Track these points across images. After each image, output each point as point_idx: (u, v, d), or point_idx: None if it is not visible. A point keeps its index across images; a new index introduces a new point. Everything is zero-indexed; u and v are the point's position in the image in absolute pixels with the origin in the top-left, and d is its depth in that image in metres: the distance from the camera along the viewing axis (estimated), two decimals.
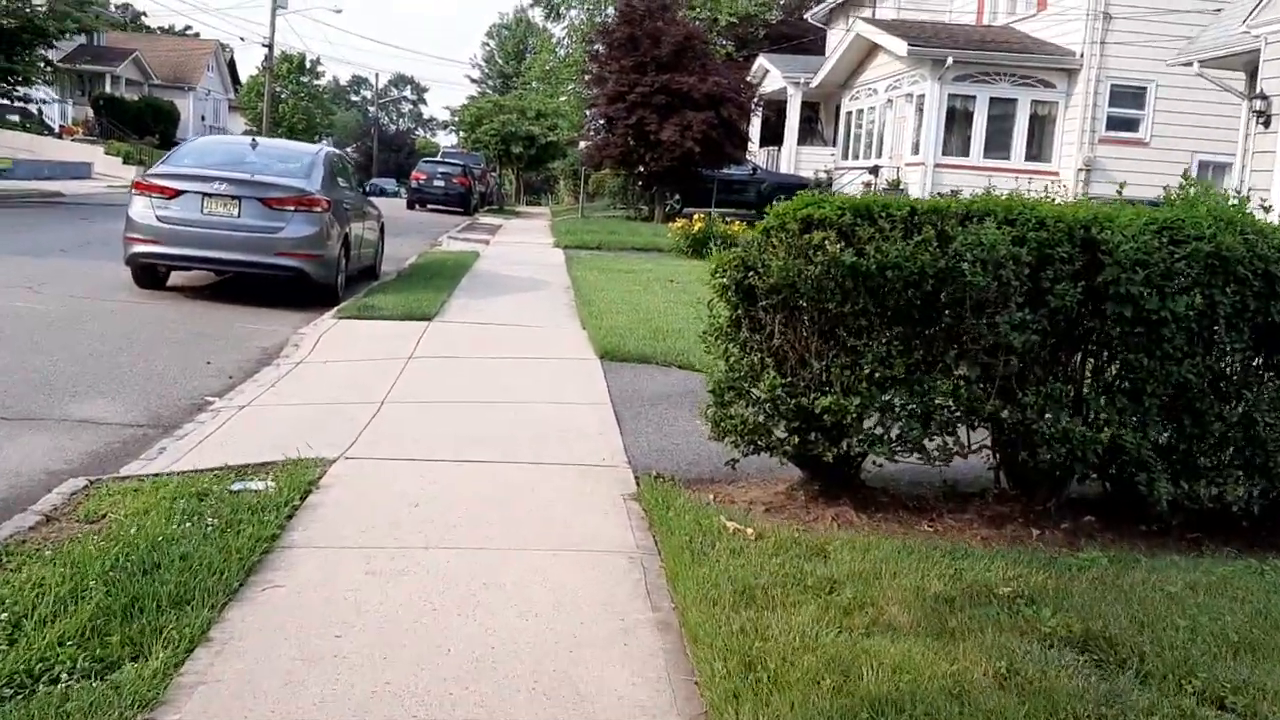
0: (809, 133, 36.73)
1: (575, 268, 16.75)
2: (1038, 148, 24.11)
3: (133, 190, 11.79)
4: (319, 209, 11.68)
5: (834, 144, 36.51)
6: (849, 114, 30.38)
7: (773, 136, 37.71)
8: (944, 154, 24.01)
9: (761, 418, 4.93)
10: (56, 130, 45.69)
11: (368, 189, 38.04)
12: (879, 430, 4.92)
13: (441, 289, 13.02)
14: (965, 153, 24.10)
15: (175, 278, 12.55)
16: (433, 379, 8.07)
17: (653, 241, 22.79)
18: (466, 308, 11.85)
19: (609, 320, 10.89)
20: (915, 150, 24.64)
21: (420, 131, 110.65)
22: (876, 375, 4.76)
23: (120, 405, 7.04)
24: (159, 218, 11.37)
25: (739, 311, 5.04)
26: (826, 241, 4.70)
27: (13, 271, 12.48)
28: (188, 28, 79.46)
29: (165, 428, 6.56)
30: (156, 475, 5.31)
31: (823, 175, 32.03)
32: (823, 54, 39.81)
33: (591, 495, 5.30)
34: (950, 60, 23.06)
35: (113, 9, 79.18)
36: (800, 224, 4.88)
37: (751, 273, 4.92)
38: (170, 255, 11.46)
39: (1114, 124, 23.20)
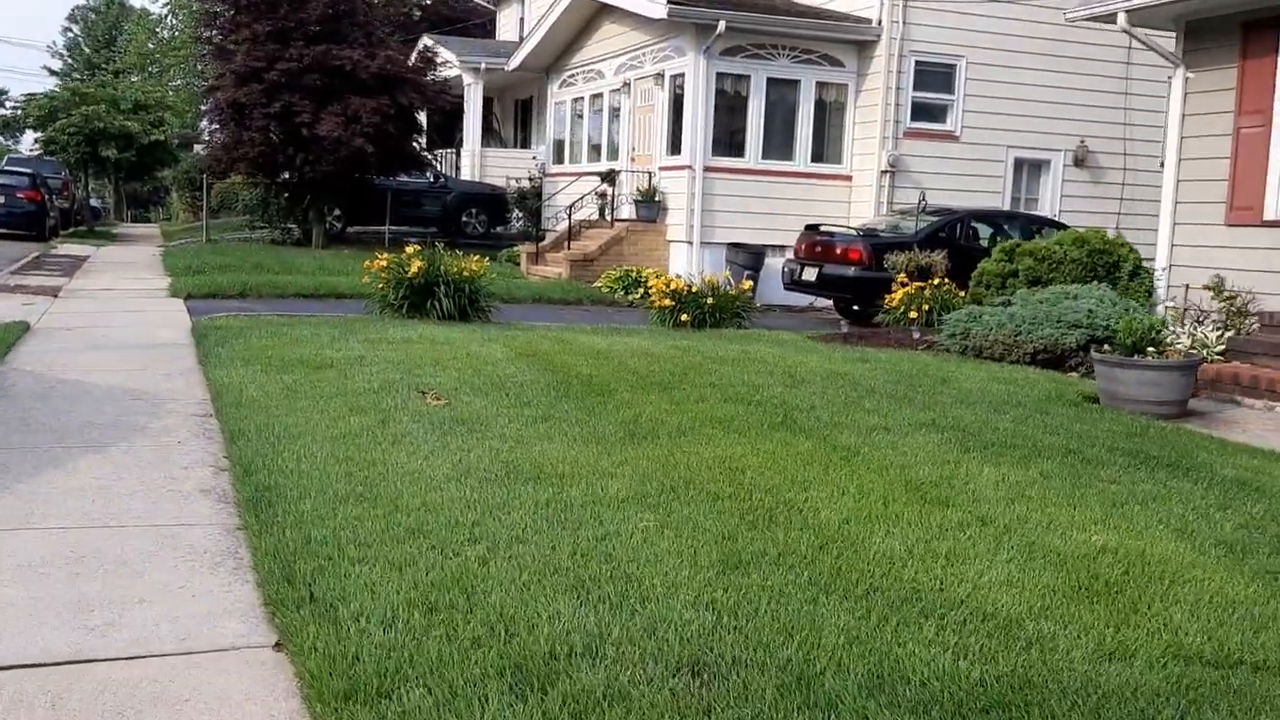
0: (486, 132, 30.16)
1: (216, 354, 8.97)
2: (825, 145, 18.85)
3: None
4: None
5: (517, 144, 30.28)
6: (559, 105, 24.00)
7: (443, 138, 30.73)
8: (714, 153, 18.19)
9: None
10: None
11: None
12: None
13: None
14: (739, 152, 18.40)
15: None
16: None
17: (327, 283, 15.27)
18: None
19: (359, 625, 3.69)
20: (674, 149, 18.64)
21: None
22: None
23: None
24: None
25: None
26: None
27: None
28: None
29: None
30: None
31: (525, 184, 25.51)
32: (493, 38, 33.57)
33: None
34: (722, 26, 17.19)
35: None
36: None
37: None
38: None
39: (920, 113, 18.34)
